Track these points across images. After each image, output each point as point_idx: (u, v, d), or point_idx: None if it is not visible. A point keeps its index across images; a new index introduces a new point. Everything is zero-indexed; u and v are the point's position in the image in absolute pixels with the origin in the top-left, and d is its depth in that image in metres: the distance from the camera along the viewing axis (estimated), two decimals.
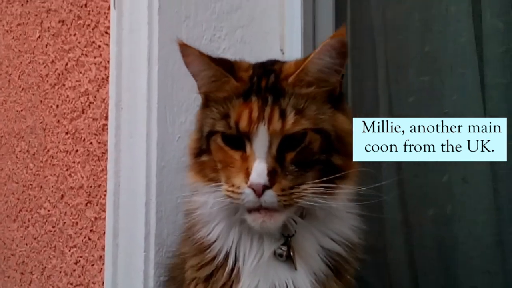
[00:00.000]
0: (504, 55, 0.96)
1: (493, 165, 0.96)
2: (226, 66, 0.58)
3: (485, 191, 0.96)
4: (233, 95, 0.56)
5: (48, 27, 1.38)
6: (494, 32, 0.97)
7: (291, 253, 0.56)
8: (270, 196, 0.52)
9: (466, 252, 0.97)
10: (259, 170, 0.51)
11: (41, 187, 1.42)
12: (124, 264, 0.93)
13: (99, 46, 1.08)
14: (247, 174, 0.52)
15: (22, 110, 1.56)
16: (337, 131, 0.57)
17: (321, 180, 0.54)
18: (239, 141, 0.55)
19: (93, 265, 1.11)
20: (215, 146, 0.56)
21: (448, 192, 1.01)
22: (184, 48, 0.58)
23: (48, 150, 1.38)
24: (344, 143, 0.57)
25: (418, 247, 1.03)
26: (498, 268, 0.94)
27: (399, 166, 1.08)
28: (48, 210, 1.37)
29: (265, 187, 0.52)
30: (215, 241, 0.58)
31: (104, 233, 1.04)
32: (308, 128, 0.55)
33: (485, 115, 0.98)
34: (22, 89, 1.56)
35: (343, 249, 0.60)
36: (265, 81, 0.56)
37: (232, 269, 0.57)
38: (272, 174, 0.52)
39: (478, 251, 0.95)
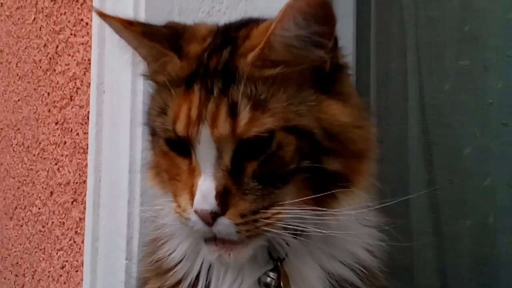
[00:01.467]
0: None
1: None
2: (169, 38, 0.43)
3: None
4: (175, 79, 0.41)
5: (42, 8, 1.29)
6: None
7: (281, 283, 0.40)
8: (224, 226, 0.38)
9: (507, 266, 0.81)
10: (204, 191, 0.38)
11: (33, 183, 1.33)
12: (104, 272, 0.81)
13: (87, 24, 0.97)
14: (192, 194, 0.39)
15: (19, 100, 1.47)
16: (327, 126, 0.41)
17: (306, 197, 0.39)
18: (184, 145, 0.41)
19: (77, 271, 1.00)
20: (159, 150, 0.43)
21: (491, 199, 0.85)
22: (105, 19, 0.46)
23: (40, 143, 1.29)
24: (341, 141, 0.41)
25: (452, 266, 0.87)
26: None
27: (429, 167, 0.92)
28: (39, 208, 1.27)
29: (215, 214, 0.38)
30: (179, 262, 0.45)
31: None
32: (274, 127, 0.39)
33: None
34: (19, 78, 1.48)
35: (356, 275, 0.44)
36: (216, 59, 0.40)
37: None
38: (223, 196, 0.38)
39: None
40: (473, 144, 0.89)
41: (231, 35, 0.43)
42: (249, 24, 0.45)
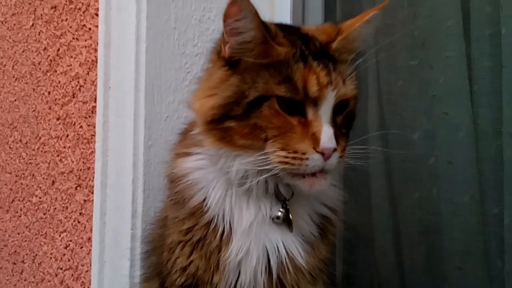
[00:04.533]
0: (491, 37, 0.97)
1: (478, 147, 0.97)
2: (267, 29, 0.56)
3: (470, 173, 0.97)
4: (288, 58, 0.54)
5: (41, 14, 1.39)
6: (481, 15, 0.99)
7: (290, 216, 0.56)
8: (334, 158, 0.53)
9: (450, 233, 0.98)
10: (329, 135, 0.52)
11: (33, 175, 1.43)
12: (111, 242, 0.94)
13: (90, 29, 1.09)
14: (315, 140, 0.52)
15: (15, 100, 1.56)
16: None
17: (351, 142, 0.58)
18: (297, 106, 0.54)
19: (82, 247, 1.12)
20: (268, 112, 0.54)
21: (434, 175, 1.02)
22: (246, 4, 0.54)
23: (40, 138, 1.39)
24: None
25: (404, 229, 1.04)
26: (481, 249, 0.95)
27: (385, 150, 1.09)
28: (40, 198, 1.37)
29: (334, 150, 0.53)
30: (211, 206, 0.58)
31: (93, 215, 1.05)
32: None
33: (471, 97, 0.99)
34: (15, 79, 1.57)
35: (331, 212, 0.61)
36: (313, 47, 0.56)
37: (223, 232, 0.57)
38: (336, 137, 0.53)
39: (462, 232, 0.96)
40: (420, 130, 1.05)
41: (299, 32, 0.60)
42: (295, 27, 0.64)
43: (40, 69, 1.40)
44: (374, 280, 1.04)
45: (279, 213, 0.56)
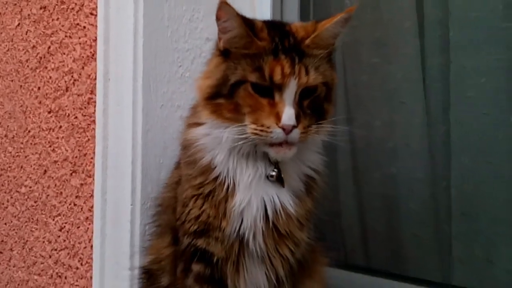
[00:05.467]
0: (440, 38, 1.13)
1: (429, 132, 1.14)
2: (251, 27, 0.68)
3: (423, 154, 1.14)
4: (263, 52, 0.66)
5: (29, 14, 1.45)
6: (433, 19, 1.15)
7: (281, 175, 0.70)
8: (295, 133, 0.65)
9: (407, 205, 1.14)
10: (289, 114, 0.64)
11: (21, 167, 1.48)
12: (112, 217, 1.04)
13: (84, 27, 1.18)
14: (278, 117, 0.64)
15: None
16: (332, 83, 0.71)
17: (319, 121, 0.69)
18: (268, 90, 0.66)
19: (78, 227, 1.20)
20: (244, 93, 0.66)
21: (393, 156, 1.17)
22: (224, 6, 0.66)
23: (29, 131, 1.44)
24: (331, 93, 0.72)
25: (367, 204, 1.20)
26: (433, 218, 1.11)
27: (351, 137, 1.24)
28: (30, 187, 1.43)
29: (293, 127, 0.65)
30: (217, 165, 0.70)
31: (91, 196, 1.14)
32: (321, 81, 0.68)
33: (424, 89, 1.15)
34: None
35: (315, 173, 0.75)
36: (287, 42, 0.68)
37: (228, 186, 0.69)
38: (298, 117, 0.65)
39: (416, 204, 1.12)
40: (381, 118, 1.21)
41: (281, 29, 0.71)
42: (282, 23, 0.75)
43: (28, 66, 1.46)
44: (341, 250, 1.20)
45: (273, 173, 0.70)
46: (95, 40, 1.12)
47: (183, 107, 1.03)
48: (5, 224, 1.54)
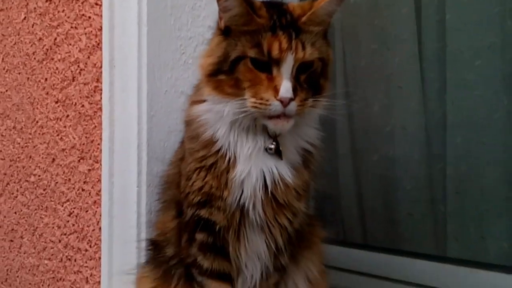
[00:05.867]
0: (437, 23, 1.16)
1: (426, 115, 1.17)
2: (250, 5, 0.71)
3: (420, 136, 1.17)
4: (261, 29, 0.69)
5: (35, 8, 1.49)
6: (430, 4, 1.18)
7: (280, 148, 0.73)
8: (292, 106, 0.68)
9: (403, 186, 1.18)
10: (287, 87, 0.67)
11: (30, 157, 1.52)
12: (119, 198, 1.07)
13: (89, 17, 1.22)
14: (276, 91, 0.67)
15: (7, 91, 1.65)
16: (327, 59, 0.74)
17: (315, 96, 0.72)
18: (266, 65, 0.68)
19: (87, 211, 1.24)
20: (244, 69, 0.69)
21: (391, 140, 1.21)
22: None
23: (37, 122, 1.49)
24: (327, 69, 0.75)
25: (365, 186, 1.24)
26: (428, 197, 1.15)
27: (350, 120, 1.28)
28: (39, 176, 1.47)
29: (290, 100, 0.67)
30: (219, 138, 0.74)
31: (98, 180, 1.18)
32: (317, 57, 0.71)
33: (421, 73, 1.19)
34: (6, 71, 1.65)
35: (312, 147, 0.78)
36: (284, 20, 0.70)
37: (230, 159, 0.73)
38: (295, 90, 0.68)
39: (413, 185, 1.16)
40: (380, 102, 1.25)
41: (279, 8, 0.74)
42: (280, 3, 0.77)
43: (34, 58, 1.50)
44: (340, 228, 1.24)
45: (272, 145, 0.73)
46: (100, 30, 1.16)
47: (186, 93, 1.07)
48: (15, 213, 1.59)
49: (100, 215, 1.17)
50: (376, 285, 1.04)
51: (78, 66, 1.28)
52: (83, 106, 1.27)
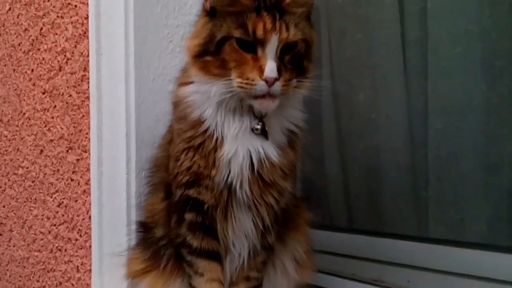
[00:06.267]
0: (420, 12, 1.19)
1: (409, 104, 1.20)
2: None
3: (403, 124, 1.20)
4: (246, 10, 0.70)
5: None
6: None
7: (266, 128, 0.75)
8: (277, 86, 0.70)
9: (387, 173, 1.21)
10: (271, 67, 0.69)
11: (18, 149, 1.52)
12: (108, 187, 1.09)
13: (75, 6, 1.22)
14: (261, 71, 0.69)
15: None
16: (311, 41, 0.76)
17: (299, 77, 0.74)
18: (251, 45, 0.70)
19: (76, 201, 1.25)
20: (229, 49, 0.71)
21: (375, 128, 1.24)
22: None
23: (24, 113, 1.49)
24: (311, 51, 0.77)
25: (351, 174, 1.27)
26: (411, 184, 1.18)
27: (335, 109, 1.30)
28: (27, 168, 1.47)
29: (275, 79, 0.69)
30: (207, 119, 0.75)
31: (87, 170, 1.19)
32: (300, 38, 0.72)
33: (404, 62, 1.22)
34: None
35: (296, 128, 0.81)
36: (269, 1, 0.72)
37: (217, 139, 0.75)
38: (279, 70, 0.69)
39: (396, 172, 1.19)
40: (364, 91, 1.27)
41: None
42: None
43: (20, 49, 1.49)
44: (326, 213, 1.26)
45: (258, 126, 0.75)
46: (86, 18, 1.17)
47: (174, 81, 1.08)
48: (4, 206, 1.59)
49: (90, 204, 1.18)
50: (362, 266, 1.07)
51: (65, 55, 1.29)
52: (70, 95, 1.27)
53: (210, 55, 0.73)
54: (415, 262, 1.00)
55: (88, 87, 1.18)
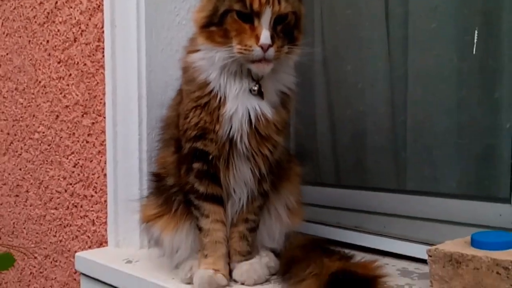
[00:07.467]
0: (405, 13, 1.29)
1: (391, 75, 1.33)
2: None
3: (386, 93, 1.33)
4: None
5: None
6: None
7: (262, 89, 0.88)
8: (271, 51, 0.81)
9: (372, 137, 1.35)
10: (266, 35, 0.80)
11: (34, 115, 1.64)
12: (122, 145, 1.22)
13: None
14: (257, 38, 0.80)
15: (7, 54, 1.75)
16: (300, 13, 0.87)
17: (289, 44, 0.85)
18: (249, 17, 0.81)
19: (91, 161, 1.38)
20: (230, 20, 0.82)
21: (361, 96, 1.37)
22: None
23: (40, 82, 1.60)
24: (300, 22, 0.89)
25: (339, 138, 1.41)
26: (392, 146, 1.32)
27: (328, 92, 1.43)
28: (43, 133, 1.60)
29: (269, 46, 0.80)
30: (211, 81, 0.86)
31: (102, 132, 1.32)
32: (290, 10, 0.83)
33: (387, 36, 1.33)
34: (6, 35, 1.75)
35: (288, 90, 0.93)
36: None
37: (220, 98, 0.86)
38: (272, 38, 0.80)
39: (379, 136, 1.33)
40: (352, 63, 1.40)
41: None
42: None
43: (35, 22, 1.60)
44: (316, 171, 1.41)
45: (255, 87, 0.87)
46: None
47: (180, 51, 1.20)
48: (20, 169, 1.72)
49: (105, 163, 1.32)
50: (345, 216, 1.21)
51: (80, 27, 1.40)
52: (85, 64, 1.39)
53: (214, 25, 0.85)
54: (391, 211, 1.15)
55: (102, 56, 1.30)
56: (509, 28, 1.11)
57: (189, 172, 0.93)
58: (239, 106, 0.86)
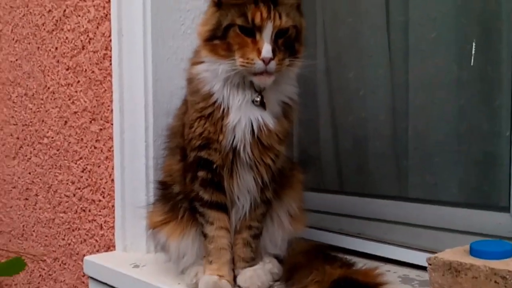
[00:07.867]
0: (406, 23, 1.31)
1: (392, 82, 1.35)
2: None
3: (388, 99, 1.36)
4: (246, 2, 0.84)
5: None
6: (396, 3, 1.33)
7: (264, 100, 0.91)
8: (272, 64, 0.83)
9: (373, 143, 1.38)
10: (267, 49, 0.82)
11: (43, 121, 1.67)
12: (129, 151, 1.25)
13: None
14: (259, 52, 0.82)
15: (17, 60, 1.79)
16: (300, 27, 0.88)
17: (291, 57, 0.86)
18: (251, 31, 0.83)
19: (99, 166, 1.42)
20: (233, 34, 0.85)
21: (364, 106, 1.40)
22: None
23: (49, 88, 1.63)
24: (301, 35, 0.88)
25: (342, 144, 1.44)
26: (393, 153, 1.34)
27: (330, 94, 1.46)
28: (52, 138, 1.63)
29: (271, 59, 0.82)
30: (215, 92, 0.89)
31: (109, 138, 1.35)
32: (291, 24, 0.85)
33: (388, 43, 1.36)
34: (16, 41, 1.78)
35: (290, 101, 0.95)
36: None
37: (224, 109, 0.88)
38: (274, 52, 0.82)
39: (380, 142, 1.36)
40: (353, 69, 1.42)
41: None
42: None
43: (44, 29, 1.63)
44: (320, 179, 1.43)
45: (257, 98, 0.90)
46: (108, 2, 1.31)
47: (185, 60, 1.23)
48: (29, 173, 1.75)
49: (112, 169, 1.35)
50: (348, 222, 1.24)
51: (88, 35, 1.43)
52: (93, 72, 1.42)
53: (218, 39, 0.88)
54: (393, 218, 1.17)
55: (110, 64, 1.33)
56: (508, 36, 1.13)
57: (194, 180, 0.96)
58: (242, 116, 0.89)
